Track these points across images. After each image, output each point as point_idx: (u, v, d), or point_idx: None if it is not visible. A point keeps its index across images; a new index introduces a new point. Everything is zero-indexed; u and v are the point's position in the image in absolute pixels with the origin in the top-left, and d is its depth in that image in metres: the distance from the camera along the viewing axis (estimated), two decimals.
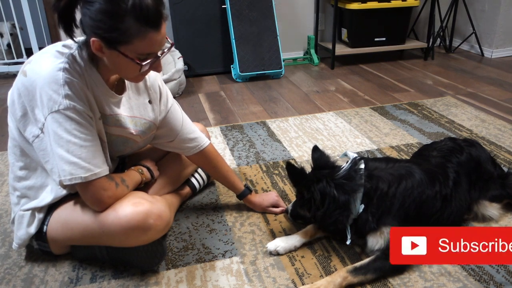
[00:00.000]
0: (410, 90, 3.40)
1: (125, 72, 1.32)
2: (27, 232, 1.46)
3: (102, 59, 1.30)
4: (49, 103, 1.24)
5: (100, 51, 1.24)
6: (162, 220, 1.40)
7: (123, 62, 1.25)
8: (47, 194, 1.43)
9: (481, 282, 1.42)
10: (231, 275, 1.49)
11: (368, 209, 1.47)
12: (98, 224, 1.37)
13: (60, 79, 1.24)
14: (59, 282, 1.48)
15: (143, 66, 1.26)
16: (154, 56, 1.27)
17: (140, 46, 1.21)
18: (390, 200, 1.47)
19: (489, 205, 1.69)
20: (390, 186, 1.48)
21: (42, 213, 1.45)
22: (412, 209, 1.48)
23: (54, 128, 1.25)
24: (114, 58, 1.25)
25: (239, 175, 2.15)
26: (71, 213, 1.42)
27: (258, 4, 3.71)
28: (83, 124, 1.28)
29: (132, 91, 1.51)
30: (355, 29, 4.00)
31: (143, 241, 1.41)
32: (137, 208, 1.35)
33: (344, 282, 1.38)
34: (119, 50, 1.22)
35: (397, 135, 2.56)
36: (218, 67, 3.93)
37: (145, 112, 1.54)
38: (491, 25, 4.18)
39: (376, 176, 1.50)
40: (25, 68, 1.30)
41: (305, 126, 2.74)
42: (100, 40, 1.20)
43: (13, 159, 1.45)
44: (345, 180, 1.47)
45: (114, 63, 1.28)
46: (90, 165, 1.29)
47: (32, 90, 1.26)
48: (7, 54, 4.00)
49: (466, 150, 1.71)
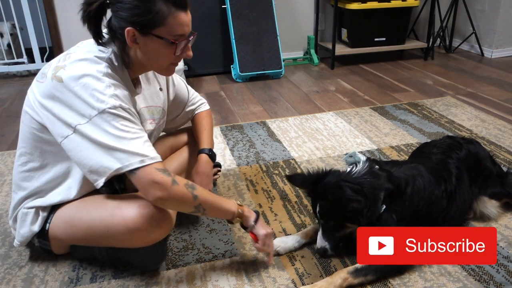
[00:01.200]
0: (410, 90, 3.40)
1: (159, 60, 1.36)
2: (30, 230, 1.46)
3: (131, 59, 1.35)
4: (97, 104, 1.25)
5: (135, 42, 1.29)
6: (166, 222, 1.41)
7: (158, 48, 1.31)
8: (55, 195, 1.44)
9: (481, 282, 1.42)
10: (231, 275, 1.49)
11: (391, 207, 1.44)
12: (104, 224, 1.37)
13: (106, 81, 1.27)
14: (59, 282, 1.48)
15: (177, 47, 1.32)
16: (185, 39, 1.33)
17: (172, 26, 1.28)
18: (410, 200, 1.47)
19: (488, 201, 1.70)
20: (407, 186, 1.48)
21: (46, 211, 1.45)
22: (424, 210, 1.49)
23: (103, 127, 1.25)
24: (149, 46, 1.30)
25: (239, 175, 2.15)
26: (76, 211, 1.43)
27: (258, 4, 3.71)
28: (130, 120, 1.30)
29: (144, 82, 1.54)
30: (355, 29, 4.01)
31: (147, 242, 1.41)
32: (143, 210, 1.36)
33: (345, 283, 1.38)
34: (154, 33, 1.27)
35: (397, 135, 2.56)
36: (218, 67, 3.93)
37: (158, 100, 1.59)
38: (491, 25, 4.18)
39: (395, 177, 1.49)
40: (59, 73, 1.28)
41: (305, 126, 2.74)
42: (135, 29, 1.26)
43: (26, 159, 1.44)
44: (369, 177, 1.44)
45: (148, 53, 1.32)
46: (143, 151, 1.28)
47: (72, 94, 1.26)
48: (7, 54, 4.00)
49: (465, 146, 1.72)
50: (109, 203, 1.42)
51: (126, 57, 1.35)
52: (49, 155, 1.40)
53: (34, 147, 1.41)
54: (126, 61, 1.36)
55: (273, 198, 1.95)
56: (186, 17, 1.30)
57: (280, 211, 1.85)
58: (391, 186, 1.44)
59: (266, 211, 1.85)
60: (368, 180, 1.43)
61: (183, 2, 1.29)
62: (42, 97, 1.32)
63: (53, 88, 1.29)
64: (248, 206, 1.88)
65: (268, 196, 1.97)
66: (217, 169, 2.06)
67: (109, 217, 1.37)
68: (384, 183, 1.44)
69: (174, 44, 1.31)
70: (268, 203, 1.91)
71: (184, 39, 1.33)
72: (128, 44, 1.30)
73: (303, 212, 1.84)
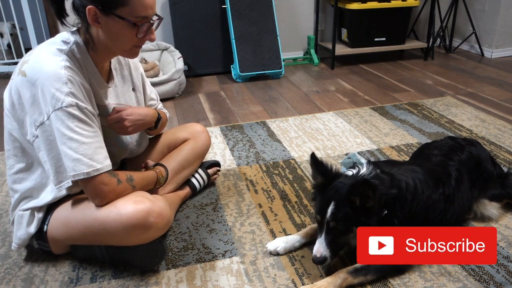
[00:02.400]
0: (410, 90, 3.40)
1: (122, 41, 1.34)
2: (26, 232, 1.46)
3: (95, 40, 1.33)
4: (52, 101, 1.24)
5: (96, 21, 1.27)
6: (162, 218, 1.40)
7: (120, 29, 1.29)
8: (47, 194, 1.44)
9: (481, 282, 1.42)
10: (231, 275, 1.49)
11: (394, 212, 1.42)
12: (99, 222, 1.37)
13: (63, 77, 1.26)
14: (59, 282, 1.48)
15: (139, 29, 1.30)
16: (148, 21, 1.32)
17: (135, 7, 1.27)
18: (410, 205, 1.46)
19: (488, 204, 1.70)
20: (408, 190, 1.47)
21: (42, 212, 1.45)
22: (421, 213, 1.48)
23: (57, 125, 1.26)
24: (110, 27, 1.29)
25: (239, 175, 2.15)
26: (72, 212, 1.43)
27: (258, 4, 3.71)
28: (85, 121, 1.29)
29: (118, 80, 1.54)
30: (355, 29, 4.00)
31: (144, 239, 1.41)
32: (138, 206, 1.36)
33: (345, 283, 1.38)
34: (116, 13, 1.26)
35: (397, 135, 2.56)
36: (218, 67, 3.93)
37: (130, 100, 1.59)
38: (491, 25, 4.18)
39: (397, 180, 1.47)
40: (23, 68, 1.29)
41: (305, 126, 2.74)
42: (96, 8, 1.24)
43: (13, 161, 1.45)
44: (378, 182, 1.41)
45: (110, 33, 1.31)
46: (91, 161, 1.29)
47: (34, 90, 1.26)
48: (7, 54, 4.00)
49: (467, 148, 1.71)
50: None
51: (90, 38, 1.33)
52: (33, 154, 1.40)
53: (17, 148, 1.42)
54: (90, 44, 1.35)
55: (273, 198, 1.95)
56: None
57: (280, 211, 1.85)
58: (395, 191, 1.42)
59: (266, 211, 1.85)
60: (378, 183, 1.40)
61: None
62: (13, 94, 1.32)
63: (19, 84, 1.29)
64: (248, 206, 1.89)
65: (268, 196, 1.97)
66: (216, 169, 2.06)
67: (104, 215, 1.37)
68: (389, 188, 1.42)
69: (136, 26, 1.30)
70: (268, 203, 1.91)
71: (147, 22, 1.32)
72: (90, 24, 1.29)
73: (303, 212, 1.84)
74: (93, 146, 1.31)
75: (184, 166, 1.83)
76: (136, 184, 1.45)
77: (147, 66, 3.35)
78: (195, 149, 1.86)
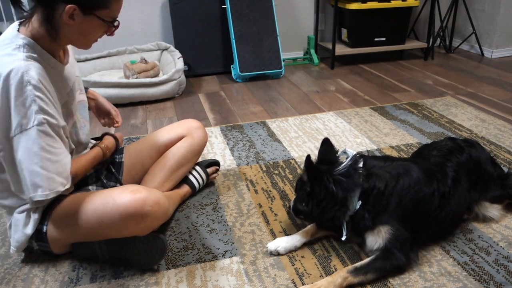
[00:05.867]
0: (410, 90, 3.40)
1: (89, 37, 1.36)
2: (24, 233, 1.45)
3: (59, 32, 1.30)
4: (22, 120, 1.24)
5: (71, 18, 1.27)
6: (159, 206, 1.41)
7: (94, 27, 1.32)
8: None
9: (481, 282, 1.42)
10: (231, 275, 1.49)
11: (365, 206, 1.48)
12: (98, 215, 1.38)
13: (30, 95, 1.24)
14: (59, 282, 1.48)
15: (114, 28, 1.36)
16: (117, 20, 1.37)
17: (114, 10, 1.33)
18: (387, 199, 1.47)
19: (489, 206, 1.70)
20: (388, 184, 1.48)
21: (37, 213, 1.44)
22: (409, 208, 1.48)
23: (28, 145, 1.25)
24: (85, 24, 1.30)
25: (239, 175, 2.15)
26: (70, 209, 1.43)
27: (258, 4, 3.71)
28: (55, 138, 1.30)
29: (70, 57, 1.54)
30: (355, 29, 4.00)
31: (142, 228, 1.41)
32: (135, 195, 1.37)
33: (345, 282, 1.38)
34: (96, 14, 1.29)
35: (397, 135, 2.56)
36: (218, 67, 3.93)
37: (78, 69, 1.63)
38: (491, 25, 4.18)
39: (374, 174, 1.50)
40: None
41: (305, 126, 2.74)
42: (78, 7, 1.25)
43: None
44: (344, 177, 1.48)
45: (81, 30, 1.31)
46: (63, 179, 1.32)
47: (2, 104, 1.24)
48: None
49: (466, 150, 1.70)
50: (100, 193, 1.43)
51: (53, 30, 1.31)
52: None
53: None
54: (53, 36, 1.32)
55: (273, 198, 1.95)
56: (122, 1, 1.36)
57: (280, 211, 1.85)
58: (365, 185, 1.48)
59: (266, 211, 1.85)
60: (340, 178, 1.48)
61: None
62: None
63: None
64: (248, 206, 1.89)
65: (268, 196, 1.97)
66: (216, 168, 2.06)
67: (101, 207, 1.37)
68: (357, 183, 1.48)
69: (113, 26, 1.35)
70: (268, 203, 1.91)
71: (117, 21, 1.37)
72: (59, 18, 1.27)
73: None
74: (63, 162, 1.32)
75: (182, 163, 1.83)
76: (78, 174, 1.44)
77: (147, 66, 3.36)
78: (193, 146, 1.86)
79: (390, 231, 1.45)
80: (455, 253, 1.56)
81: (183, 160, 1.82)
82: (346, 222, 1.51)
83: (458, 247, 1.59)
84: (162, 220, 1.46)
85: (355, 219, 1.50)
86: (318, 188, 1.49)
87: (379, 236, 1.46)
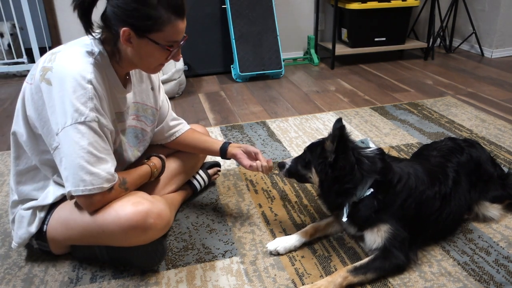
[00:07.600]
0: (410, 90, 3.40)
1: (150, 61, 1.36)
2: (27, 231, 1.45)
3: (122, 55, 1.34)
4: (75, 114, 1.24)
5: (128, 41, 1.28)
6: (162, 219, 1.40)
7: (151, 51, 1.31)
8: (49, 194, 1.44)
9: (481, 282, 1.42)
10: (231, 275, 1.49)
11: (376, 195, 1.47)
12: (98, 224, 1.37)
13: (89, 92, 1.26)
14: (59, 282, 1.48)
15: (171, 53, 1.33)
16: (178, 44, 1.35)
17: (169, 33, 1.29)
18: (396, 194, 1.48)
19: (490, 206, 1.70)
20: (400, 180, 1.49)
21: (44, 212, 1.45)
22: (411, 208, 1.48)
23: (76, 138, 1.25)
24: (142, 48, 1.30)
25: (239, 175, 2.15)
26: (71, 213, 1.42)
27: (258, 4, 3.71)
28: (103, 138, 1.31)
29: (136, 78, 1.54)
30: (355, 29, 4.00)
31: (143, 240, 1.40)
32: (137, 207, 1.35)
33: (345, 282, 1.38)
34: (149, 37, 1.28)
35: (397, 135, 2.56)
36: (218, 67, 3.93)
37: (147, 98, 1.59)
38: (491, 25, 4.18)
39: (391, 170, 1.51)
40: (47, 76, 1.27)
41: (305, 126, 2.74)
42: (131, 29, 1.25)
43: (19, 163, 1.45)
44: (368, 160, 1.49)
45: (140, 53, 1.32)
46: (109, 175, 1.31)
47: (58, 99, 1.25)
48: (7, 54, 4.00)
49: (466, 150, 1.70)
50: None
51: (118, 53, 1.34)
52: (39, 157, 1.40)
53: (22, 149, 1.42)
54: (117, 57, 1.35)
55: (273, 198, 1.95)
56: (182, 24, 1.32)
57: (280, 211, 1.85)
58: (381, 177, 1.48)
59: (266, 211, 1.85)
60: (365, 161, 1.49)
61: (183, 11, 1.30)
62: (32, 99, 1.31)
63: (42, 91, 1.28)
64: (248, 206, 1.89)
65: (268, 196, 1.97)
66: (217, 169, 2.06)
67: (102, 218, 1.36)
68: (376, 171, 1.48)
69: (169, 50, 1.32)
70: (268, 203, 1.91)
71: (177, 45, 1.34)
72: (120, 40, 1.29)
73: (303, 212, 1.84)
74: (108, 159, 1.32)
75: (185, 167, 1.83)
76: (129, 186, 1.45)
77: None
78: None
79: (389, 230, 1.45)
80: (455, 253, 1.56)
81: (187, 164, 1.82)
82: (349, 204, 1.50)
83: (458, 247, 1.59)
84: (164, 232, 1.44)
85: (360, 205, 1.49)
86: (343, 161, 1.46)
87: (378, 235, 1.46)
